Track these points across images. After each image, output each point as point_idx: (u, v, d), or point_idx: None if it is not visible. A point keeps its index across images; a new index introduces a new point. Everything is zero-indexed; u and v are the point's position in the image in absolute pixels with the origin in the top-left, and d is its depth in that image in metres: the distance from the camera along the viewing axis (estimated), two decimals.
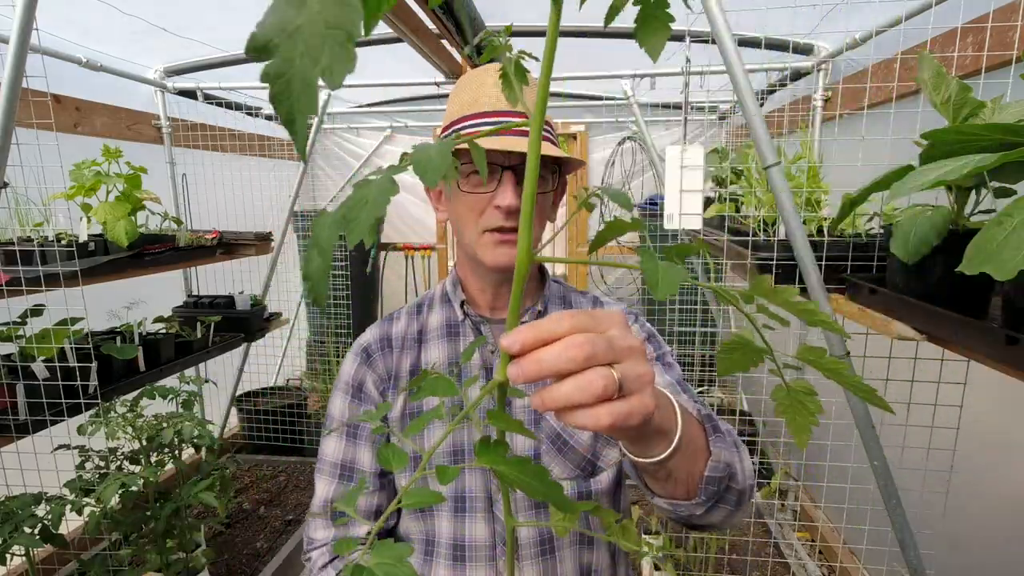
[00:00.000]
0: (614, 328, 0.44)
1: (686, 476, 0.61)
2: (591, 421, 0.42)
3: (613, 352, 0.43)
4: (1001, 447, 1.49)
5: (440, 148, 0.32)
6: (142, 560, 1.85)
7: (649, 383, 0.45)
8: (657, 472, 0.59)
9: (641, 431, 0.52)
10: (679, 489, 0.62)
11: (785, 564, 2.34)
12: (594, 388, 0.41)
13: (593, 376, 0.41)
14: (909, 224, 0.99)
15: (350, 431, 0.91)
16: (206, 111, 3.01)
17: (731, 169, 1.99)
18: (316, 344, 3.92)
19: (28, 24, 1.31)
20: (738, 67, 1.36)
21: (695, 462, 0.62)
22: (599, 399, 0.41)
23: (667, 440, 0.56)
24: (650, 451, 0.56)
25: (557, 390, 0.41)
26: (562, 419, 0.43)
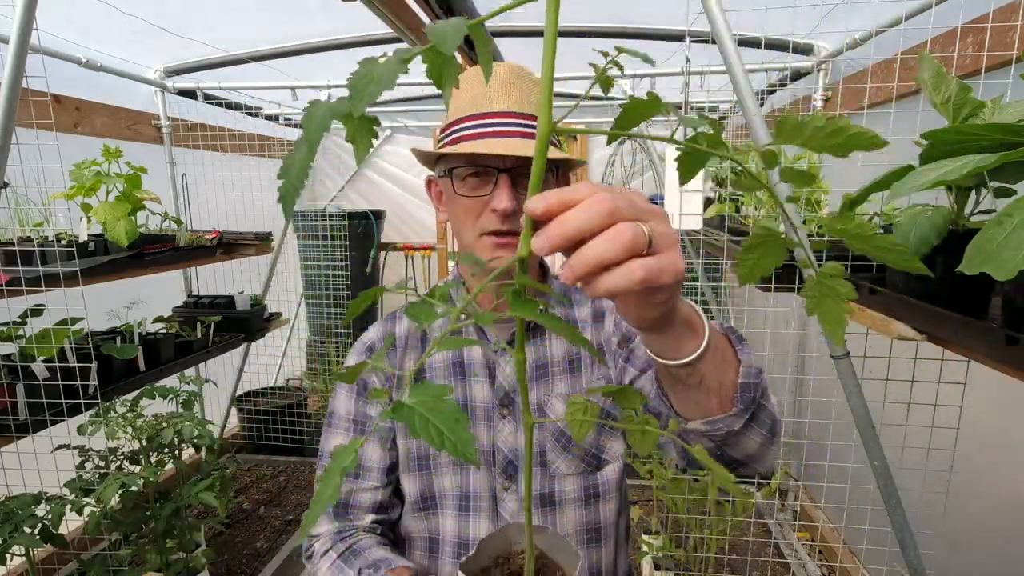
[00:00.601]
0: (634, 195, 0.43)
1: (718, 385, 0.59)
2: (623, 278, 0.40)
3: (637, 211, 0.41)
4: (1001, 447, 1.49)
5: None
6: (142, 560, 1.85)
7: (676, 243, 0.43)
8: (689, 378, 0.57)
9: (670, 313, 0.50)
10: (712, 400, 0.59)
11: (785, 564, 2.34)
12: (623, 238, 0.40)
13: (622, 227, 0.40)
14: (909, 224, 0.99)
15: (357, 426, 0.91)
16: (206, 111, 3.01)
17: (731, 169, 1.99)
18: (316, 344, 3.92)
19: (28, 24, 1.30)
20: (738, 67, 1.36)
21: (725, 369, 0.60)
22: (630, 251, 0.40)
23: (697, 337, 0.54)
24: (681, 348, 0.54)
25: (586, 250, 0.40)
26: (593, 288, 0.41)
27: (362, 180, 4.29)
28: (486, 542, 0.59)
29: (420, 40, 1.99)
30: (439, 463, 0.88)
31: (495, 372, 0.90)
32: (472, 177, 0.83)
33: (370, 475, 0.90)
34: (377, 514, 0.91)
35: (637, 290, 0.41)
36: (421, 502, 0.89)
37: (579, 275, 0.40)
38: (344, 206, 3.93)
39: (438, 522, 0.89)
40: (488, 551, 0.59)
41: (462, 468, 0.88)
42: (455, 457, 0.33)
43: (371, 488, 0.90)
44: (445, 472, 0.88)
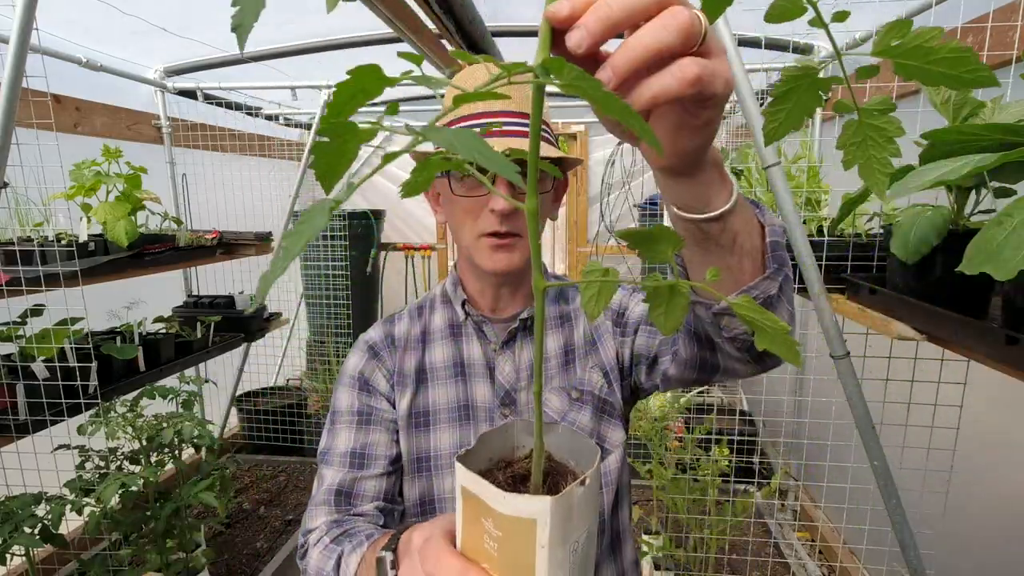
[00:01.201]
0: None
1: (750, 245, 0.55)
2: (675, 78, 0.34)
3: (687, 4, 0.35)
4: (1001, 447, 1.49)
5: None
6: (142, 560, 1.85)
7: (724, 50, 0.38)
8: (722, 236, 0.52)
9: (707, 144, 0.45)
10: (746, 263, 0.55)
11: (785, 564, 2.34)
12: (680, 21, 0.34)
13: (677, 9, 0.34)
14: (909, 224, 0.99)
15: (362, 419, 0.89)
16: (206, 111, 3.01)
17: (731, 169, 1.99)
18: (316, 344, 3.92)
19: (28, 24, 1.30)
20: (738, 67, 1.36)
21: (753, 228, 0.55)
22: (687, 40, 0.34)
23: (727, 186, 0.50)
24: (712, 198, 0.49)
25: (634, 40, 0.33)
26: (637, 95, 0.35)
27: None
28: (486, 438, 0.53)
29: (421, 41, 1.99)
30: (440, 465, 0.88)
31: (495, 372, 0.90)
32: (470, 177, 0.82)
33: (376, 463, 0.87)
34: (383, 501, 0.87)
35: (689, 95, 0.35)
36: (421, 505, 0.88)
37: (622, 73, 0.33)
38: (344, 206, 3.93)
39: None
40: (487, 451, 0.53)
41: None
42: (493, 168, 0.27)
43: (376, 476, 0.87)
44: (447, 475, 0.87)
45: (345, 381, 0.92)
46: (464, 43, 1.98)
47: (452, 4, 1.72)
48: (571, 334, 0.94)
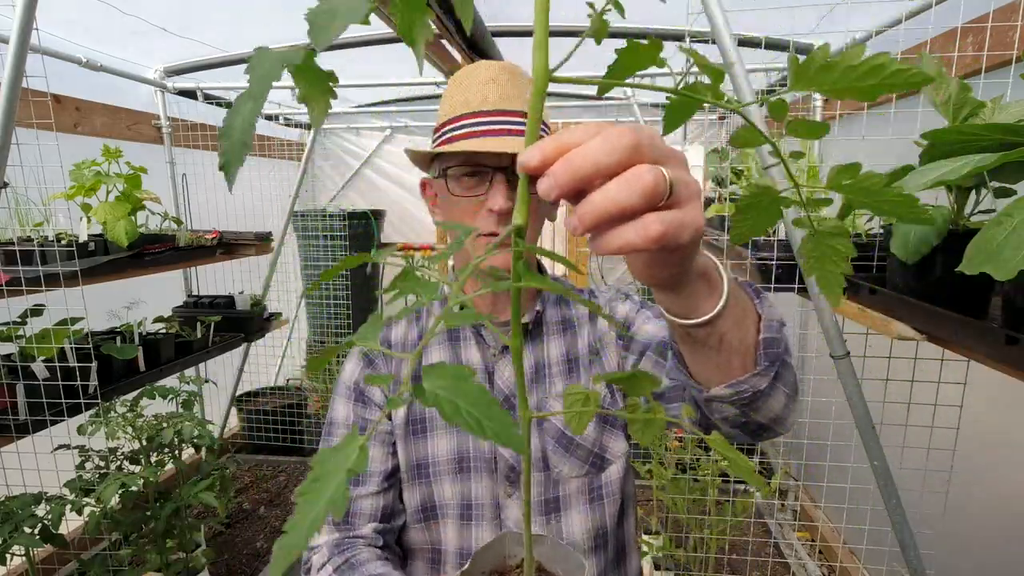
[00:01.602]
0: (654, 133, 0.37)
1: (739, 343, 0.54)
2: (637, 235, 0.35)
3: (657, 152, 0.36)
4: (1001, 447, 1.49)
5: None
6: (142, 560, 1.85)
7: (698, 194, 0.38)
8: (708, 338, 0.52)
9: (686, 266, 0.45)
10: (735, 361, 0.55)
11: (785, 564, 2.34)
12: (643, 183, 0.34)
13: (641, 170, 0.34)
14: (909, 224, 0.99)
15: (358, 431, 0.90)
16: (206, 111, 3.01)
17: (731, 169, 1.99)
18: (316, 344, 3.92)
19: (28, 24, 1.30)
20: (738, 67, 1.36)
21: (745, 325, 0.54)
22: (649, 201, 0.35)
23: (715, 293, 0.49)
24: (699, 306, 0.49)
25: (598, 195, 0.34)
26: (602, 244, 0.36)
27: (362, 180, 4.29)
28: (480, 554, 0.55)
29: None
30: (439, 471, 0.87)
31: (494, 376, 0.89)
32: (467, 177, 0.81)
33: (371, 479, 0.88)
34: (380, 522, 0.88)
35: (654, 248, 0.36)
36: (422, 512, 0.88)
37: (588, 225, 0.35)
38: (344, 206, 3.93)
39: (439, 533, 0.87)
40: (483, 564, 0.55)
41: (462, 476, 0.86)
42: (496, 443, 0.29)
43: (373, 494, 0.88)
44: (445, 480, 0.86)
45: (341, 391, 0.92)
46: (464, 43, 1.99)
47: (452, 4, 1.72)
48: (574, 341, 0.93)
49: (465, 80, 0.84)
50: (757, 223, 0.42)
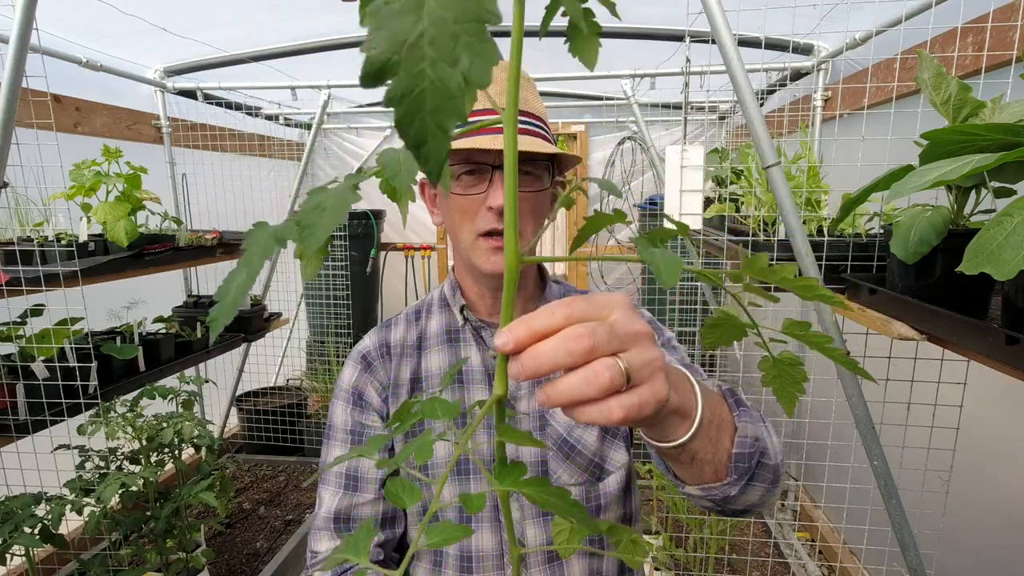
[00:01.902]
0: (616, 312, 0.41)
1: (712, 456, 0.57)
2: (601, 416, 0.39)
3: (617, 340, 0.40)
4: (1001, 447, 1.49)
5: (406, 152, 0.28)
6: (142, 560, 1.86)
7: (659, 369, 0.42)
8: (680, 456, 0.56)
9: (657, 417, 0.49)
10: (707, 471, 0.58)
11: (785, 564, 2.34)
12: (600, 381, 0.38)
13: (599, 368, 0.38)
14: (909, 224, 0.99)
15: (354, 439, 0.89)
16: (206, 111, 3.01)
17: (731, 169, 1.99)
18: (316, 344, 3.92)
19: (28, 24, 1.31)
20: (738, 67, 1.36)
21: (720, 441, 0.58)
22: (607, 392, 0.39)
23: (687, 421, 0.52)
24: (670, 435, 0.52)
25: (562, 384, 0.39)
26: (570, 415, 0.40)
27: None
28: None
29: None
30: (436, 475, 0.87)
31: (493, 379, 0.89)
32: (466, 175, 0.81)
33: (368, 486, 0.88)
34: (382, 529, 0.88)
35: (620, 425, 0.41)
36: (422, 514, 0.88)
37: (554, 404, 0.39)
38: None
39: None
40: None
41: (461, 477, 0.86)
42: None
43: (370, 501, 0.88)
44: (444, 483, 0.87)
45: (340, 395, 0.92)
46: None
47: None
48: None
49: None
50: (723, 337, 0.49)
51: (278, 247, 0.27)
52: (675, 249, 3.37)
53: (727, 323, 0.48)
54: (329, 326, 3.83)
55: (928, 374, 1.32)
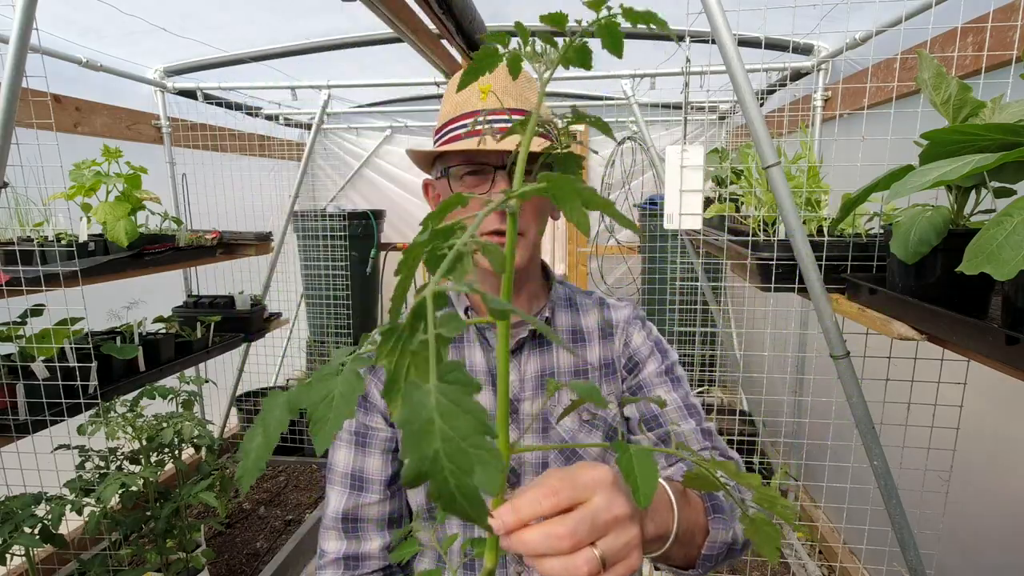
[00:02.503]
0: (598, 495, 0.47)
1: (683, 556, 0.66)
2: None
3: (596, 530, 0.46)
4: (1001, 447, 1.49)
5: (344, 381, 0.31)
6: (142, 560, 1.86)
7: (636, 547, 0.48)
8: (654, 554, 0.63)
9: None
10: (677, 561, 0.67)
11: (785, 564, 2.34)
12: (579, 572, 0.44)
13: (579, 561, 0.44)
14: (909, 224, 0.99)
15: (359, 439, 0.89)
16: (206, 111, 3.01)
17: (731, 169, 1.99)
18: (316, 344, 3.92)
19: (28, 24, 1.31)
20: (738, 67, 1.36)
21: (693, 542, 0.66)
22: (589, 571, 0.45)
23: (660, 541, 0.59)
24: (646, 550, 0.58)
25: (545, 565, 0.44)
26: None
27: (362, 180, 4.29)
28: None
29: (421, 41, 1.99)
30: None
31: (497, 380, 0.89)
32: (469, 175, 0.81)
33: (374, 487, 0.88)
34: (389, 531, 0.89)
35: None
36: (428, 512, 0.88)
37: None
38: (344, 206, 3.93)
39: (444, 531, 0.88)
40: None
41: None
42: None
43: (377, 501, 0.88)
44: None
45: None
46: (464, 43, 1.99)
47: (452, 4, 1.72)
48: (585, 353, 0.92)
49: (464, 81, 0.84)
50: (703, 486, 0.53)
51: (291, 416, 0.31)
52: (675, 249, 3.37)
53: (704, 479, 0.52)
54: (329, 326, 3.83)
55: (928, 374, 1.32)
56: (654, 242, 3.58)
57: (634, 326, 0.95)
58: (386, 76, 3.05)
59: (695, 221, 1.57)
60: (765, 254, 1.45)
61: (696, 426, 0.85)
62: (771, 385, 2.50)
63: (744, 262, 1.55)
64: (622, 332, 0.94)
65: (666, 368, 0.91)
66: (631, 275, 3.97)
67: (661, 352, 0.93)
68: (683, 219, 1.57)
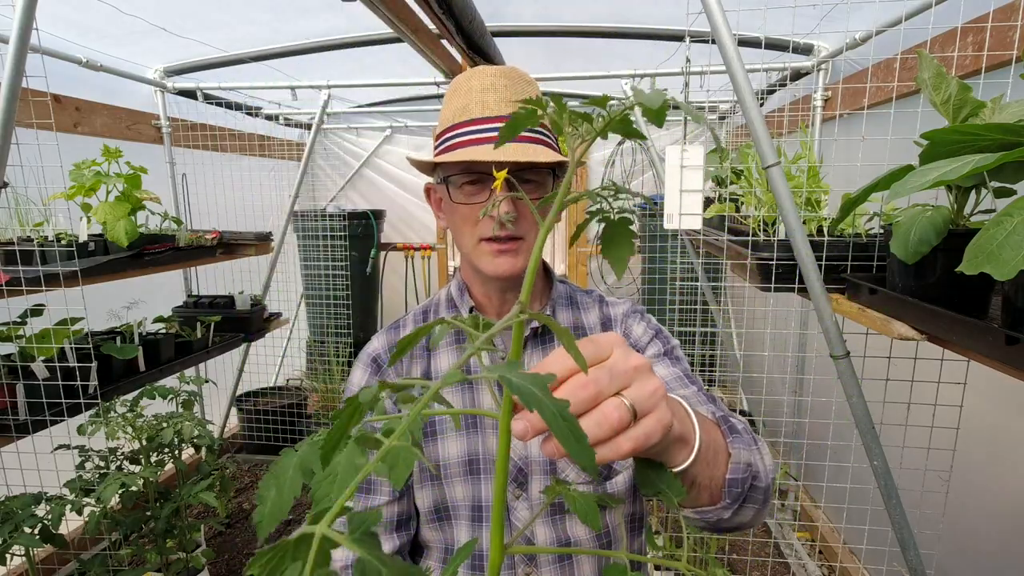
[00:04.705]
0: (615, 350, 0.44)
1: (709, 481, 0.61)
2: (613, 452, 0.42)
3: (619, 380, 0.43)
4: (1001, 447, 1.49)
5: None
6: (142, 560, 1.86)
7: (662, 397, 0.45)
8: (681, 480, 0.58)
9: (662, 444, 0.51)
10: (703, 495, 0.61)
11: (785, 564, 2.35)
12: (611, 422, 0.41)
13: (607, 410, 0.42)
14: (909, 224, 0.99)
15: None
16: (206, 111, 3.01)
17: (731, 169, 1.99)
18: (316, 344, 3.92)
19: (28, 24, 1.30)
20: (738, 67, 1.36)
21: (716, 465, 0.61)
22: (617, 431, 0.42)
23: (687, 448, 0.55)
24: (672, 461, 0.55)
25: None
26: None
27: (362, 180, 4.29)
28: None
29: (421, 41, 1.99)
30: (450, 474, 0.87)
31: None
32: (468, 184, 0.82)
33: (383, 489, 0.89)
34: (397, 531, 0.88)
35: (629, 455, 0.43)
36: (435, 513, 0.88)
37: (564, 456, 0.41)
38: (344, 206, 3.93)
39: (452, 532, 0.88)
40: None
41: (472, 478, 0.87)
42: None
43: (386, 503, 0.88)
44: (457, 483, 0.87)
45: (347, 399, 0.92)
46: (464, 43, 1.99)
47: (452, 4, 1.72)
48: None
49: (464, 86, 0.84)
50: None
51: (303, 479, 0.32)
52: (675, 249, 3.37)
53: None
54: (329, 326, 3.83)
55: (928, 374, 1.32)
56: (654, 242, 3.59)
57: (633, 318, 0.95)
58: (386, 76, 3.05)
59: (695, 221, 1.57)
60: (765, 254, 1.45)
61: (698, 390, 0.85)
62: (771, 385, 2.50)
63: (744, 262, 1.55)
64: (621, 324, 0.95)
65: (666, 351, 0.91)
66: (631, 275, 3.97)
67: (662, 339, 0.93)
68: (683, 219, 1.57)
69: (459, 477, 0.87)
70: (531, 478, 0.86)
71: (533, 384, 0.33)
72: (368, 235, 3.89)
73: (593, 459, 0.33)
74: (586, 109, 0.40)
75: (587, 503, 0.52)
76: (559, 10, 2.43)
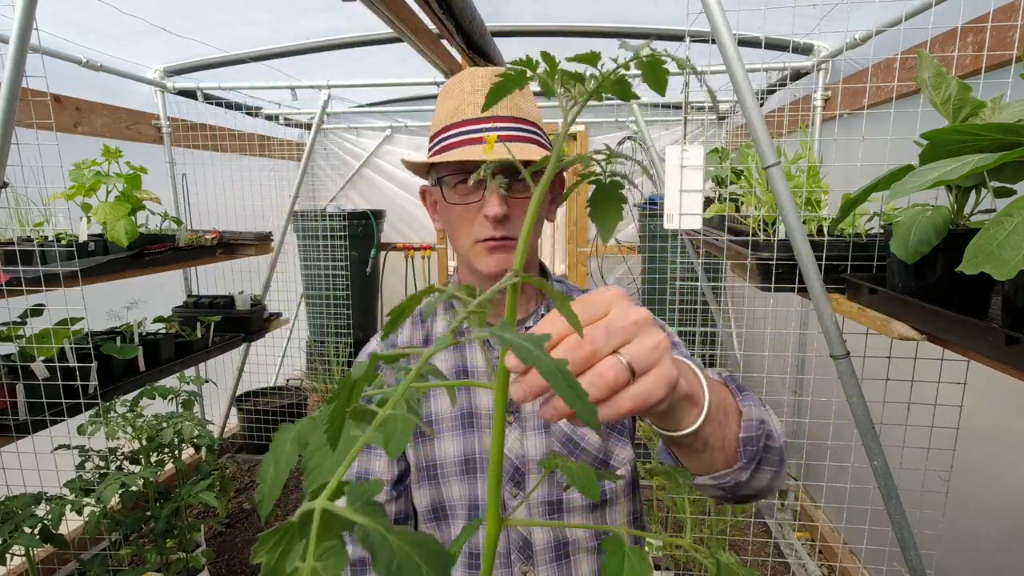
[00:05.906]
0: (613, 306, 0.42)
1: (722, 441, 0.58)
2: (612, 412, 0.40)
3: (616, 337, 0.41)
4: (1001, 447, 1.49)
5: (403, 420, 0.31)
6: (142, 560, 1.86)
7: (666, 350, 0.42)
8: (694, 444, 0.56)
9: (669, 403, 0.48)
10: (718, 457, 0.59)
11: (785, 564, 2.35)
12: (606, 380, 0.39)
13: (602, 369, 0.40)
14: (909, 224, 0.99)
15: None
16: (206, 111, 3.01)
17: (731, 169, 1.99)
18: (316, 344, 3.92)
19: (28, 24, 1.30)
20: (738, 67, 1.36)
21: (728, 425, 0.59)
22: (613, 390, 0.40)
23: (697, 407, 0.53)
24: (682, 423, 0.53)
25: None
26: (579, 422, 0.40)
27: (362, 180, 4.29)
28: None
29: (421, 41, 1.99)
30: (447, 473, 0.88)
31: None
32: (462, 184, 0.82)
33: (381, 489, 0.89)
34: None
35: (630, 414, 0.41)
36: (432, 512, 0.89)
37: (562, 415, 0.40)
38: (344, 206, 3.93)
39: (449, 531, 0.88)
40: None
41: (469, 477, 0.87)
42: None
43: (383, 503, 0.89)
44: (453, 482, 0.87)
45: None
46: (464, 43, 1.99)
47: (452, 4, 1.72)
48: None
49: (456, 88, 0.85)
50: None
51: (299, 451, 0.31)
52: (675, 249, 3.37)
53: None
54: (329, 326, 3.83)
55: (928, 374, 1.32)
56: (654, 242, 3.58)
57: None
58: (386, 76, 3.05)
59: (695, 221, 1.57)
60: (765, 254, 1.45)
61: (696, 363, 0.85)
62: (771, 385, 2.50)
63: (744, 262, 1.55)
64: None
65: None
66: (631, 275, 3.97)
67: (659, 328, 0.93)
68: (683, 219, 1.57)
69: (456, 477, 0.87)
70: (528, 477, 0.86)
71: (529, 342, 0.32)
72: (368, 235, 3.89)
73: (595, 415, 0.32)
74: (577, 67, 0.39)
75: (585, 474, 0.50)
76: (559, 10, 2.43)
